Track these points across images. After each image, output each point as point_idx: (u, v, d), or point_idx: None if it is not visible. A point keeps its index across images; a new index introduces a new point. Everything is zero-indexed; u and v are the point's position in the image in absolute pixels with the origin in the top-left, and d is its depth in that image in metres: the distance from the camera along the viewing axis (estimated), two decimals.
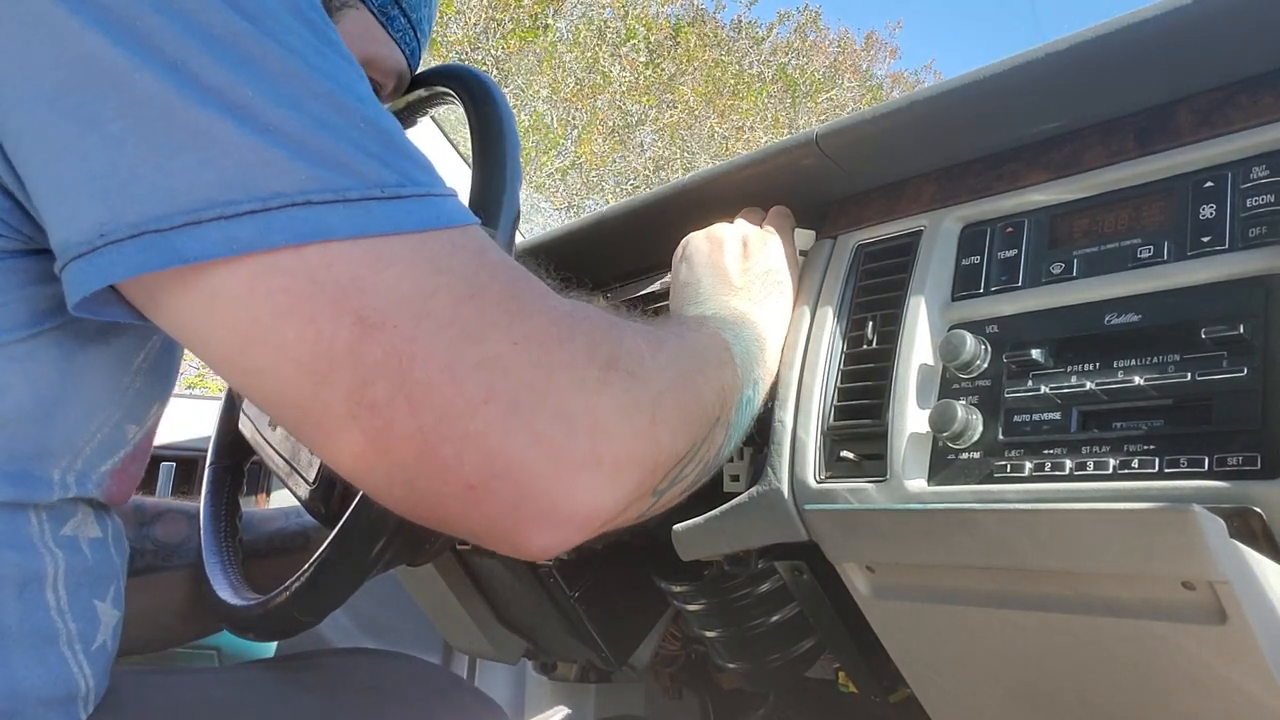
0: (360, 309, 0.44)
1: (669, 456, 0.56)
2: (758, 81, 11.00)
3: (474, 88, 0.79)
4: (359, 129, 0.47)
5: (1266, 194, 0.63)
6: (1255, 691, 0.59)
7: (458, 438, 0.46)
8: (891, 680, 0.93)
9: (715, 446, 0.65)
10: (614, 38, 10.06)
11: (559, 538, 0.50)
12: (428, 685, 0.84)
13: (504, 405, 0.46)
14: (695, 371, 0.62)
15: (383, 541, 0.71)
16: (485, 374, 0.46)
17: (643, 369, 0.54)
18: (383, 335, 0.44)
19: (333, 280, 0.44)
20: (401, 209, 0.47)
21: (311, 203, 0.44)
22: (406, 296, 0.45)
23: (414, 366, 0.45)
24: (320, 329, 0.44)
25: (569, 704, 1.50)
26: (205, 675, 0.76)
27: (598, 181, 10.05)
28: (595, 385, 0.50)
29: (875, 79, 12.03)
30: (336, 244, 0.44)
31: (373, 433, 0.45)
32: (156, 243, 0.43)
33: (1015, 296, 0.74)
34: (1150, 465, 0.63)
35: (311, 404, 0.45)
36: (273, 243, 0.43)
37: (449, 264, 0.47)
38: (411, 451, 0.46)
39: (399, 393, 0.45)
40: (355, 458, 0.47)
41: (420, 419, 0.45)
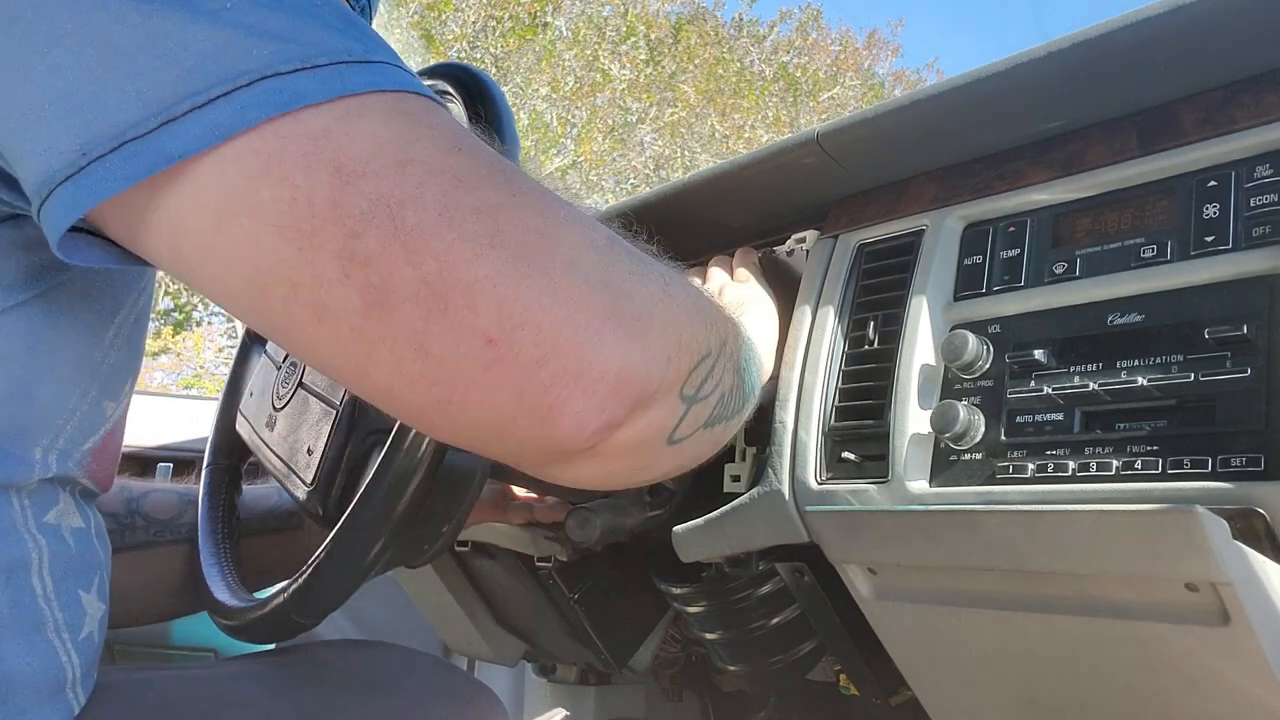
0: (336, 159, 0.42)
1: (690, 341, 0.51)
2: (759, 80, 11.00)
3: (472, 86, 0.79)
4: (316, 6, 0.45)
5: (1270, 193, 0.63)
6: (1258, 693, 0.59)
7: (467, 284, 0.42)
8: (893, 682, 0.93)
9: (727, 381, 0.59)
10: (614, 35, 10.07)
11: (594, 401, 0.45)
12: (424, 675, 0.84)
13: (512, 249, 0.43)
14: (686, 284, 0.58)
15: (381, 543, 0.71)
16: (486, 219, 0.43)
17: (642, 260, 0.51)
18: (364, 184, 0.42)
19: (302, 133, 0.42)
20: (373, 70, 0.45)
21: (279, 73, 0.42)
22: (385, 144, 0.43)
23: (405, 212, 0.42)
24: (296, 185, 0.42)
25: (568, 706, 1.50)
26: (200, 671, 0.76)
27: (597, 181, 10.06)
28: (604, 245, 0.47)
29: (877, 77, 12.03)
30: (311, 107, 0.42)
31: (371, 291, 0.42)
32: (139, 149, 0.41)
33: (1018, 296, 0.74)
34: (1153, 466, 0.62)
35: (301, 274, 0.42)
36: (250, 120, 0.42)
37: (429, 120, 0.45)
38: (418, 308, 0.42)
39: (393, 240, 0.42)
40: (355, 332, 0.43)
41: (422, 268, 0.42)
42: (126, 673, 0.71)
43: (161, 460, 1.64)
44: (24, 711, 0.54)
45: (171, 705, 0.68)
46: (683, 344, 0.51)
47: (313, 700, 0.75)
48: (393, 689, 0.79)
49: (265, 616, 0.79)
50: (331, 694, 0.77)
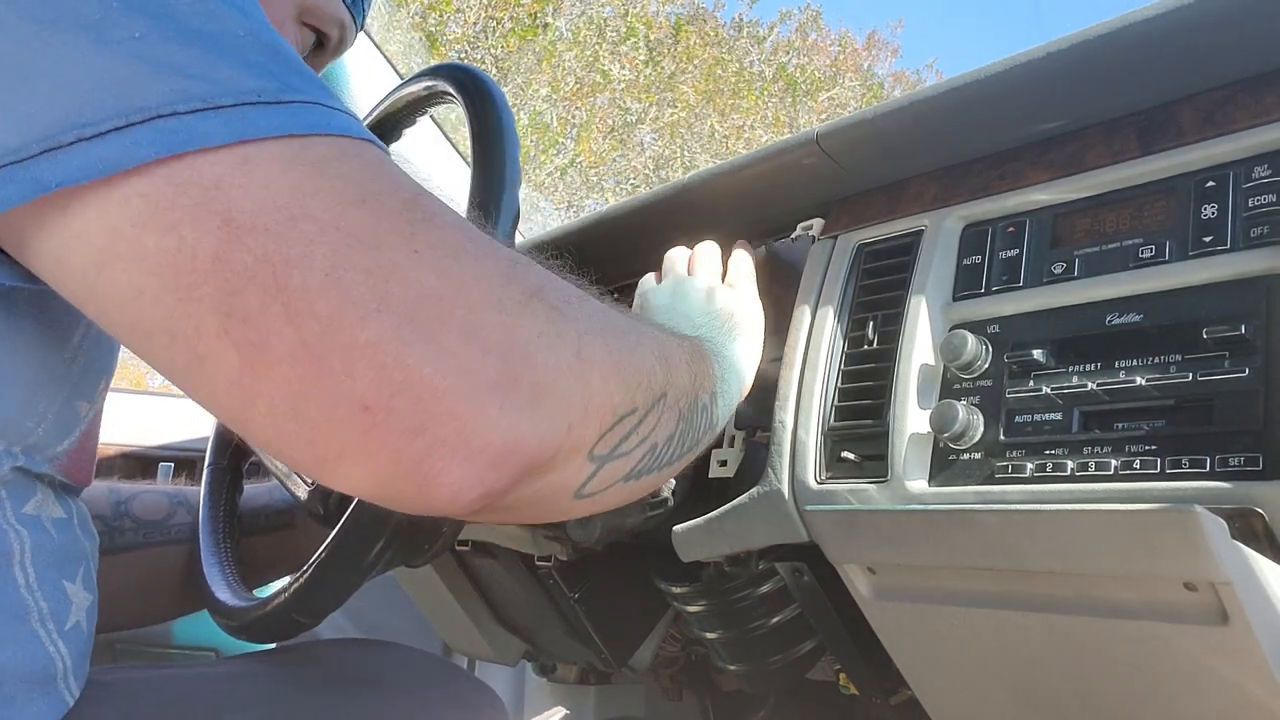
0: (226, 211, 0.40)
1: (602, 406, 0.50)
2: (758, 81, 11.00)
3: (473, 86, 0.79)
4: (237, 38, 0.44)
5: (1268, 193, 0.63)
6: (1257, 693, 0.59)
7: (345, 348, 0.41)
8: (892, 682, 0.93)
9: (664, 430, 0.59)
10: (613, 36, 10.06)
11: (472, 473, 0.44)
12: (425, 674, 0.84)
13: (400, 314, 0.42)
14: (628, 329, 0.57)
15: (381, 543, 0.71)
16: (377, 281, 0.41)
17: (568, 306, 0.50)
18: (252, 239, 0.40)
19: (195, 182, 0.40)
20: (282, 112, 0.43)
21: (178, 113, 0.41)
22: (280, 197, 0.41)
23: (290, 271, 0.40)
24: (182, 235, 0.40)
25: (569, 705, 1.50)
26: (201, 670, 0.76)
27: (597, 181, 10.05)
28: (514, 308, 0.45)
29: (877, 78, 12.02)
30: (206, 152, 0.41)
31: (249, 349, 0.41)
32: (15, 174, 0.40)
33: (1016, 296, 0.74)
34: (1152, 466, 0.62)
35: (180, 326, 0.41)
36: (139, 158, 0.40)
37: (336, 168, 0.43)
38: (294, 368, 0.41)
39: (274, 300, 0.40)
40: (231, 385, 0.42)
41: (301, 329, 0.40)
42: (127, 671, 0.71)
43: (162, 460, 1.64)
44: (12, 700, 0.54)
45: (172, 704, 0.68)
46: (591, 409, 0.49)
47: (314, 699, 0.75)
48: (394, 688, 0.79)
49: (266, 616, 0.79)
50: (332, 693, 0.77)
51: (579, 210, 9.57)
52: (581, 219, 1.14)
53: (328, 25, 0.78)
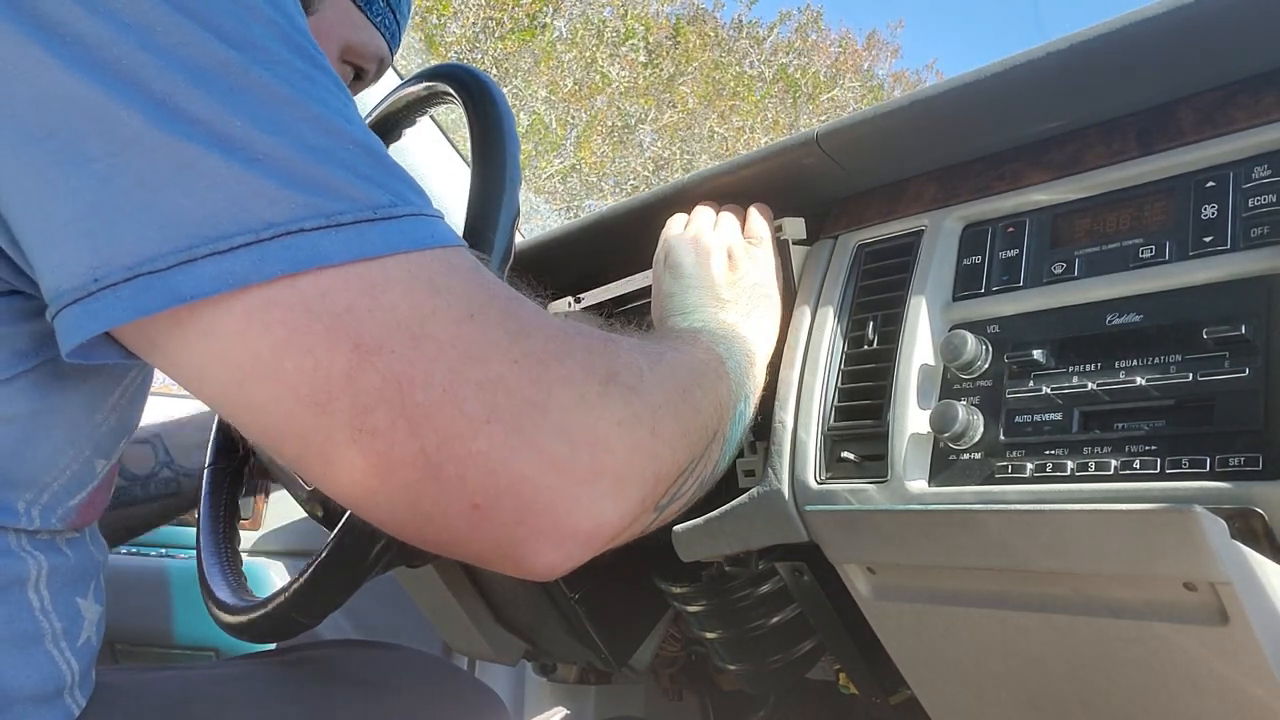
0: (357, 336, 0.44)
1: (670, 470, 0.56)
2: (758, 82, 11.00)
3: (473, 87, 0.79)
4: (348, 151, 0.47)
5: (1268, 194, 0.63)
6: (1257, 692, 0.59)
7: (460, 458, 0.46)
8: (892, 682, 0.93)
9: (711, 462, 0.66)
10: (612, 37, 10.06)
11: (563, 553, 0.50)
12: (425, 675, 0.84)
13: (506, 424, 0.46)
14: (693, 386, 0.63)
15: (382, 543, 0.71)
16: (487, 394, 0.46)
17: (641, 383, 0.54)
18: (380, 361, 0.44)
19: (328, 309, 0.44)
20: (395, 229, 0.46)
21: (304, 230, 0.44)
22: (403, 320, 0.45)
23: (414, 390, 0.45)
24: (318, 359, 0.44)
25: (569, 705, 1.50)
26: (202, 671, 0.76)
27: (597, 183, 10.05)
28: (595, 400, 0.50)
29: (877, 78, 12.03)
30: (331, 270, 0.44)
31: (375, 457, 0.45)
32: (152, 284, 0.42)
33: (1016, 296, 0.74)
34: (1152, 466, 0.62)
35: (313, 434, 0.45)
36: (267, 274, 0.43)
37: (446, 284, 0.47)
38: (414, 474, 0.45)
39: (400, 416, 0.45)
40: (358, 484, 0.46)
41: (422, 440, 0.45)
42: (128, 673, 0.71)
43: None
44: (21, 718, 0.54)
45: (173, 705, 0.68)
46: (661, 476, 0.55)
47: (315, 700, 0.75)
48: (395, 689, 0.79)
49: (266, 616, 0.79)
50: (334, 694, 0.77)
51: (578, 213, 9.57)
52: (581, 219, 1.14)
53: (368, 62, 0.80)
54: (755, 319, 0.84)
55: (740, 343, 0.78)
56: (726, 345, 0.75)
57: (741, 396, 0.74)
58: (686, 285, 0.84)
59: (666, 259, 0.89)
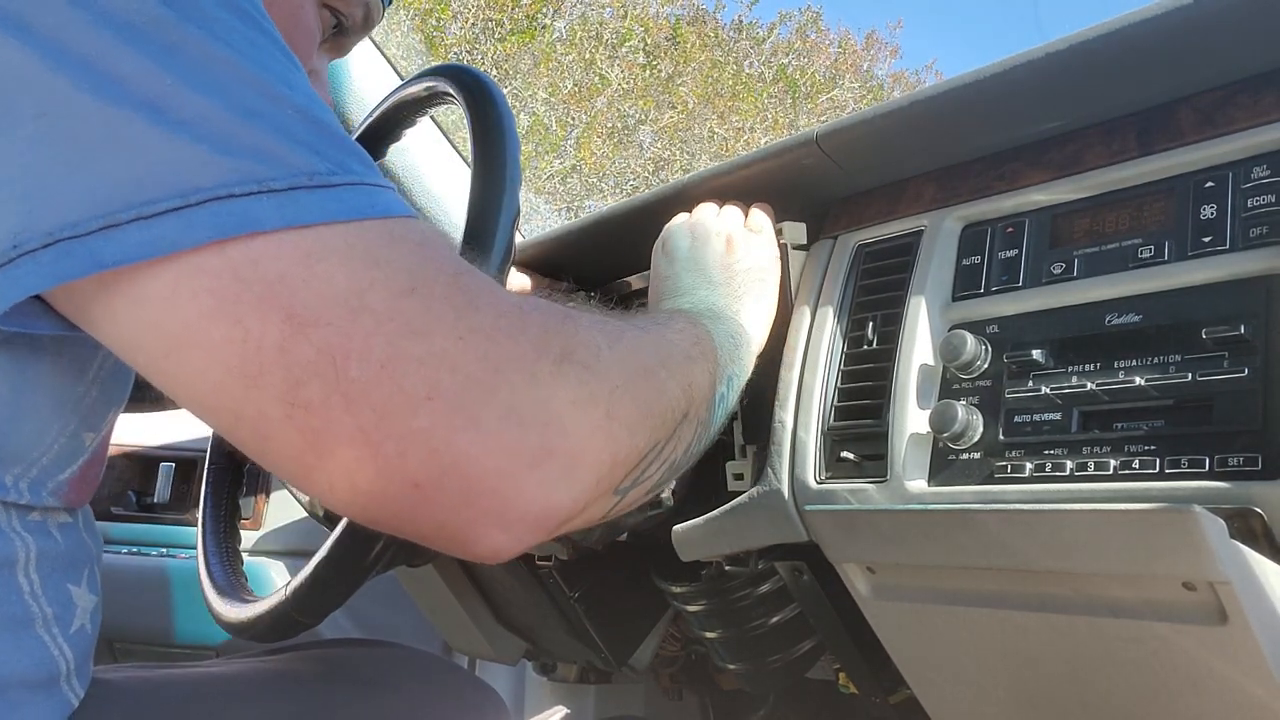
0: (289, 306, 0.42)
1: (629, 453, 0.54)
2: (758, 82, 11.00)
3: (474, 88, 0.79)
4: (287, 116, 0.45)
5: (1267, 194, 0.63)
6: (1256, 692, 0.59)
7: (399, 435, 0.44)
8: (892, 681, 0.93)
9: (683, 444, 0.63)
10: (611, 38, 10.06)
11: (511, 536, 0.48)
12: (426, 674, 0.84)
13: (449, 401, 0.45)
14: (657, 366, 0.60)
15: (382, 543, 0.71)
16: (428, 370, 0.44)
17: (598, 362, 0.52)
18: (315, 333, 0.43)
19: (259, 277, 0.42)
20: (332, 197, 0.45)
21: (234, 195, 0.42)
22: (340, 292, 0.43)
23: (349, 364, 0.43)
24: (248, 329, 0.42)
25: (569, 704, 1.50)
26: (202, 670, 0.76)
27: (597, 183, 10.05)
28: (547, 379, 0.48)
29: (876, 79, 12.03)
30: (264, 237, 0.42)
31: (310, 434, 0.44)
32: (73, 249, 0.41)
33: (1016, 297, 0.74)
34: (1151, 466, 0.63)
35: (244, 408, 0.44)
36: (195, 240, 0.41)
37: (386, 255, 0.45)
38: (351, 451, 0.44)
39: (334, 391, 0.43)
40: (294, 460, 0.45)
41: (359, 418, 0.43)
42: (130, 670, 0.71)
43: (163, 460, 1.64)
44: (17, 706, 0.54)
45: (174, 703, 0.68)
46: (619, 459, 0.53)
47: (315, 699, 0.75)
48: (395, 688, 0.79)
49: (266, 616, 0.79)
50: (334, 693, 0.77)
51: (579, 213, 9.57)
52: (581, 219, 1.15)
53: (352, 6, 0.78)
54: (747, 303, 0.83)
55: (728, 323, 0.77)
56: (712, 324, 0.74)
57: (724, 378, 0.72)
58: (681, 267, 0.85)
59: (664, 245, 0.89)
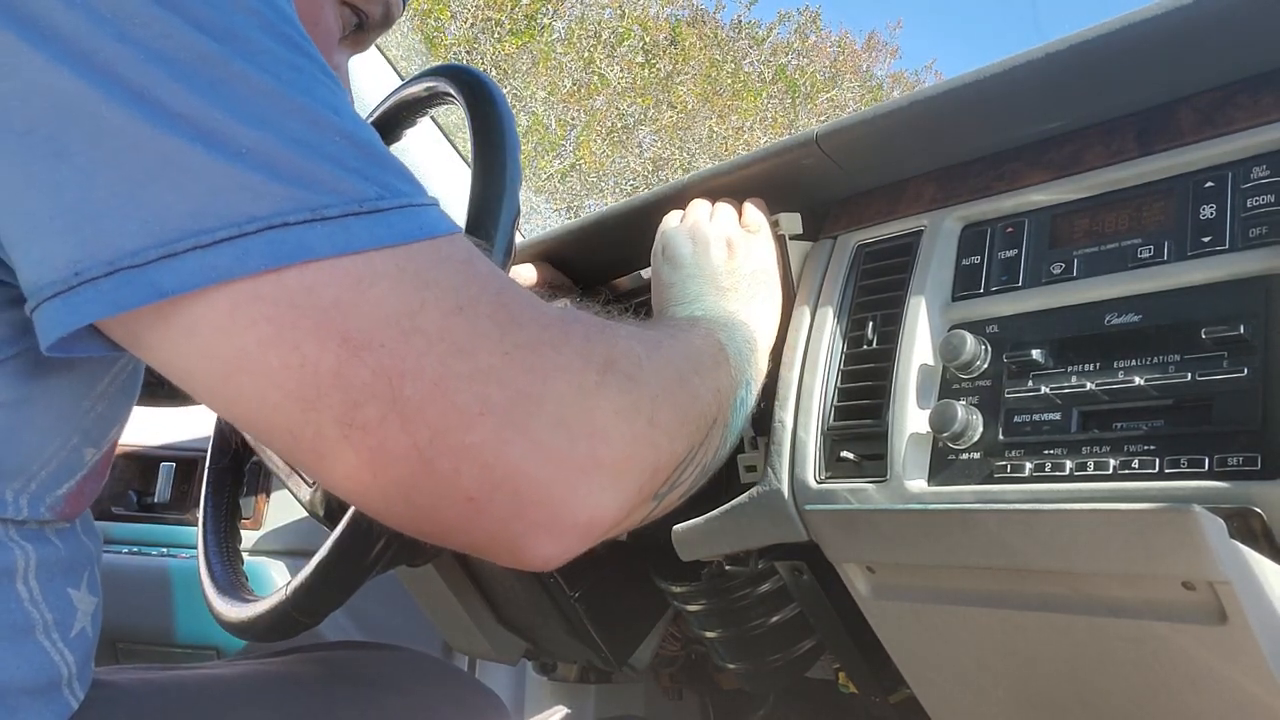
0: (345, 331, 0.44)
1: (669, 459, 0.56)
2: (757, 82, 11.00)
3: (474, 88, 0.79)
4: (335, 143, 0.46)
5: (1267, 194, 0.63)
6: (1256, 691, 0.59)
7: (453, 451, 0.45)
8: (892, 681, 0.93)
9: (713, 449, 0.65)
10: (610, 38, 10.05)
11: (561, 545, 0.49)
12: (424, 676, 0.84)
13: (499, 416, 0.46)
14: (691, 373, 0.62)
15: (382, 542, 0.71)
16: (478, 386, 0.46)
17: (640, 371, 0.54)
18: (369, 356, 0.44)
19: (314, 304, 0.43)
20: (382, 222, 0.46)
21: (289, 224, 0.43)
22: (392, 315, 0.45)
23: (404, 384, 0.44)
24: (305, 354, 0.43)
25: (569, 704, 1.50)
26: (204, 672, 0.76)
27: (596, 183, 10.05)
28: (592, 389, 0.50)
29: (876, 79, 12.03)
30: (317, 264, 0.43)
31: (367, 453, 0.45)
32: (133, 279, 0.42)
33: (1015, 296, 0.74)
34: (1150, 465, 0.63)
35: (302, 429, 0.45)
36: (250, 268, 0.42)
37: (434, 277, 0.47)
38: (407, 468, 0.45)
39: (391, 411, 0.44)
40: (350, 478, 0.46)
41: (414, 436, 0.45)
42: (131, 672, 0.71)
43: (164, 460, 1.64)
44: (14, 711, 0.54)
45: (175, 706, 0.68)
46: (660, 466, 0.55)
47: (316, 701, 0.75)
48: (397, 691, 0.79)
49: (267, 616, 0.79)
50: (334, 695, 0.77)
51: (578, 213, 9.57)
52: (581, 219, 1.15)
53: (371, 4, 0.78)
54: (755, 305, 0.84)
55: (741, 329, 0.78)
56: (727, 332, 0.75)
57: (743, 383, 0.74)
58: (686, 275, 0.85)
59: (664, 251, 0.89)
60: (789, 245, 0.89)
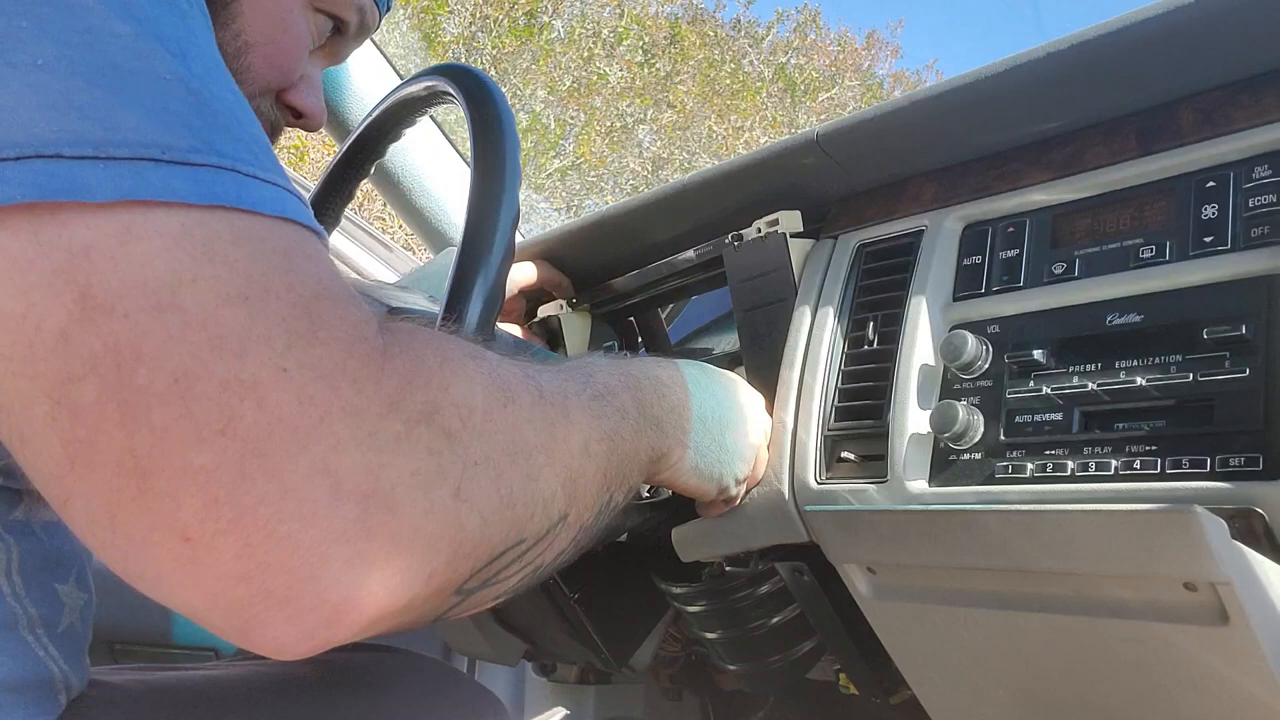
0: (86, 286, 0.36)
1: (477, 547, 0.44)
2: (757, 81, 11.00)
3: (473, 87, 0.79)
4: (159, 81, 0.39)
5: (1268, 194, 0.63)
6: (1257, 692, 0.59)
7: (175, 470, 0.36)
8: (892, 682, 0.93)
9: (555, 549, 0.52)
10: (609, 37, 10.06)
11: (298, 630, 0.38)
12: (424, 678, 0.84)
13: (245, 441, 0.36)
14: (539, 448, 0.49)
15: None
16: (230, 398, 0.36)
17: (464, 429, 0.43)
18: (106, 323, 0.36)
19: (61, 244, 0.36)
20: (186, 175, 0.38)
21: (62, 156, 0.36)
22: (149, 281, 0.36)
23: (137, 368, 0.36)
24: (31, 302, 0.35)
25: (568, 705, 1.50)
26: (202, 673, 0.76)
27: (596, 182, 10.05)
28: (389, 442, 0.40)
29: (876, 78, 12.04)
30: (86, 208, 0.36)
31: (73, 445, 0.36)
32: None
33: (1017, 296, 0.74)
34: (1152, 466, 0.62)
35: (7, 396, 0.37)
36: (4, 197, 0.35)
37: (224, 253, 0.38)
38: (117, 479, 0.36)
39: (111, 398, 0.36)
40: (51, 476, 0.37)
41: (132, 437, 0.36)
42: (130, 673, 0.71)
43: None
44: (3, 709, 0.53)
45: (175, 707, 0.68)
46: (462, 552, 0.43)
47: (315, 703, 0.75)
48: (397, 693, 0.79)
49: None
50: (336, 698, 0.77)
51: (578, 212, 9.58)
52: (581, 219, 1.15)
53: (344, 10, 0.74)
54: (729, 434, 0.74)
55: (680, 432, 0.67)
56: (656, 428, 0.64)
57: (623, 486, 0.60)
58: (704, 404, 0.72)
59: None
60: (790, 243, 0.89)
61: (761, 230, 0.91)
